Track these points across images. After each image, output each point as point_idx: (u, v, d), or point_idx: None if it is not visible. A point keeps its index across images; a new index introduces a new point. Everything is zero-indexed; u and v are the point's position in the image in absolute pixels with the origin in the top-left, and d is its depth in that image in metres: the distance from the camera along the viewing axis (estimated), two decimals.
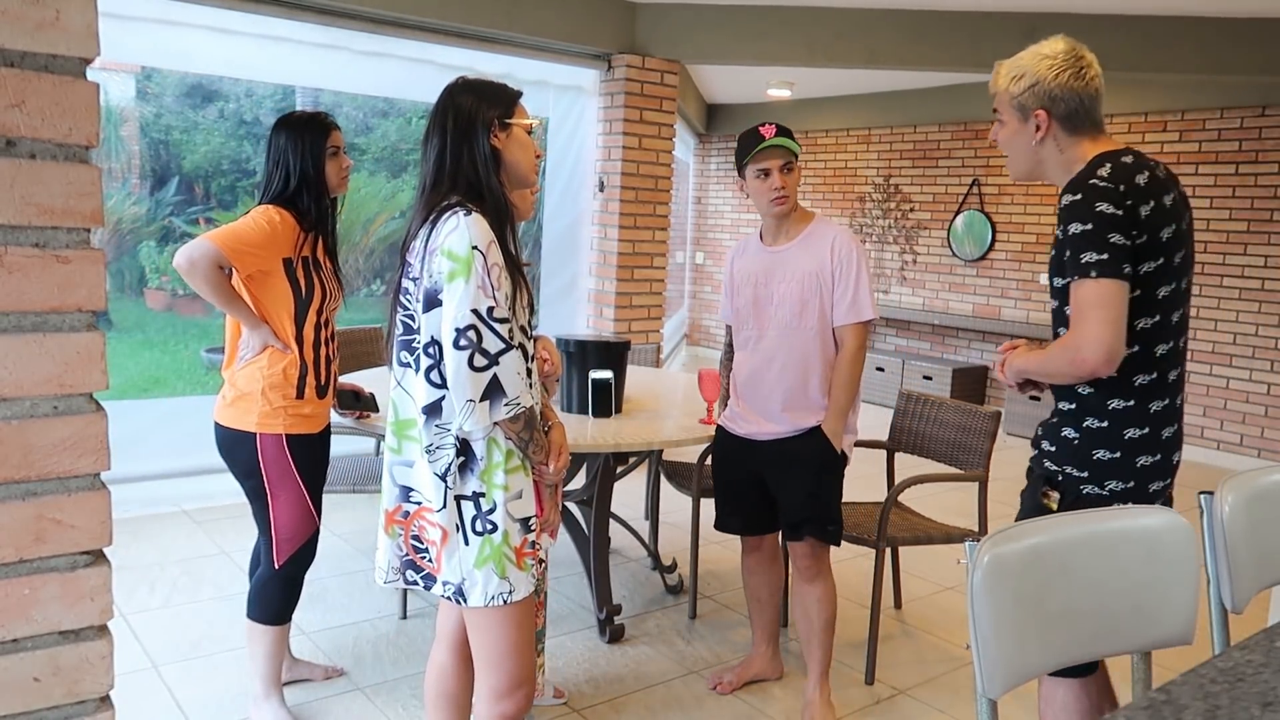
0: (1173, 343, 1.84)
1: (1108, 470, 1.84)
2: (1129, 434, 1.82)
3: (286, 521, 2.44)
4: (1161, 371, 1.83)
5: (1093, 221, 1.73)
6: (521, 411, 1.73)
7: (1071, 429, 1.88)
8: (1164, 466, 1.86)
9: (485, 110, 1.80)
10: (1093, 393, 1.84)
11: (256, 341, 2.38)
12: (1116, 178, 1.75)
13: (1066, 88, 1.83)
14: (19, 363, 0.85)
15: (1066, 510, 1.84)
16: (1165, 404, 1.84)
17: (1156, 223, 1.76)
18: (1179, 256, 1.81)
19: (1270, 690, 1.05)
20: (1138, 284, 1.76)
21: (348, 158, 2.52)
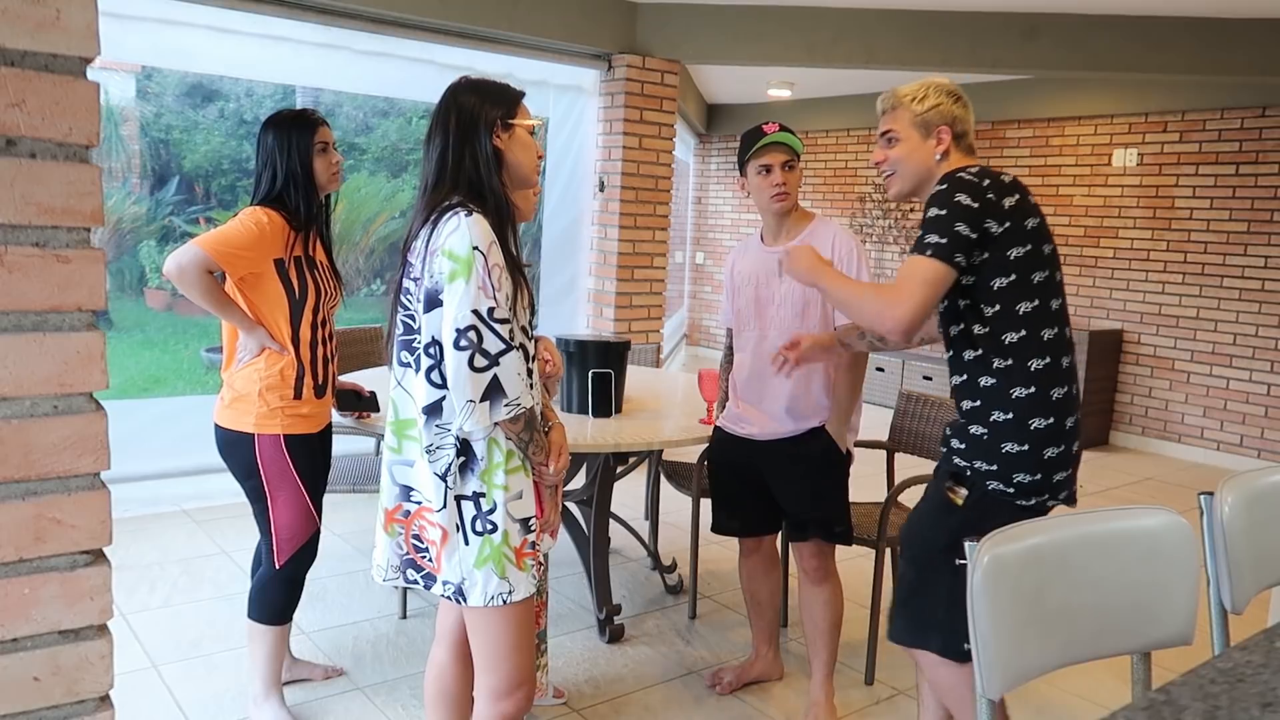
0: (1057, 329, 1.93)
1: (1016, 463, 1.91)
2: (1034, 424, 1.90)
3: (286, 522, 2.44)
4: (1054, 356, 1.91)
5: (948, 209, 1.86)
6: (522, 412, 1.73)
7: (979, 425, 1.95)
8: (1066, 458, 1.93)
9: (488, 110, 1.80)
10: (995, 384, 1.92)
11: (253, 344, 2.38)
12: (983, 174, 1.90)
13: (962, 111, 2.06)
14: (19, 362, 0.85)
15: (971, 507, 1.96)
16: (1065, 391, 1.92)
17: (1023, 211, 1.88)
18: (1047, 248, 1.92)
19: (1270, 691, 1.05)
20: (1011, 269, 1.87)
21: (338, 154, 2.51)
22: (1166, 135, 6.44)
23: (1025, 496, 1.92)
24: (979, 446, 1.95)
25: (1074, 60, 5.21)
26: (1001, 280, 1.88)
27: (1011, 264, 1.87)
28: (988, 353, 1.93)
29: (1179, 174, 6.40)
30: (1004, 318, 1.90)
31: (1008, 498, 1.92)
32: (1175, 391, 6.51)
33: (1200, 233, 6.32)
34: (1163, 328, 6.53)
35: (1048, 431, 1.90)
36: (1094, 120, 6.78)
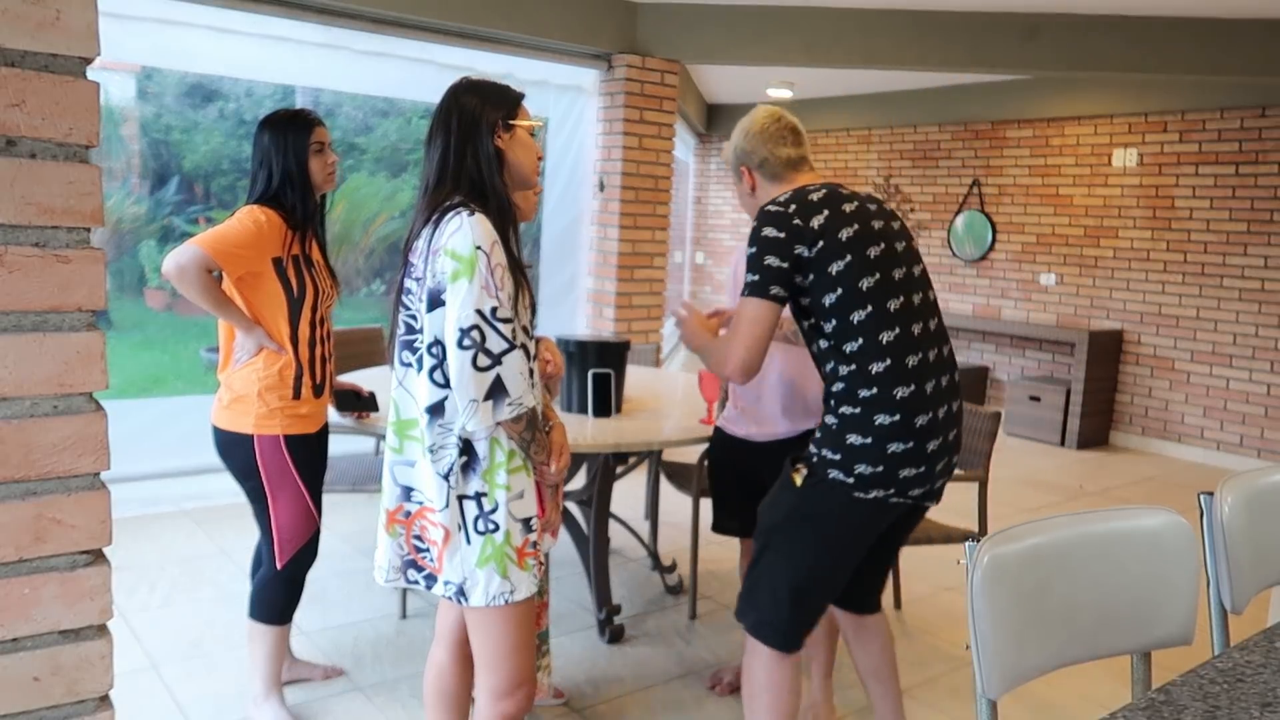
0: (899, 330, 1.96)
1: (858, 454, 1.96)
2: (878, 420, 1.95)
3: (287, 522, 2.44)
4: (896, 357, 1.95)
5: (757, 244, 1.96)
6: (524, 411, 1.73)
7: (832, 416, 2.02)
8: (918, 455, 1.96)
9: (490, 111, 1.81)
10: (844, 388, 1.99)
11: (251, 344, 2.37)
12: (790, 200, 1.99)
13: (753, 143, 2.19)
14: (19, 362, 0.85)
15: (810, 488, 2.03)
16: (912, 390, 1.95)
17: (835, 225, 1.96)
18: (873, 251, 1.97)
19: (1270, 691, 1.05)
20: (835, 283, 1.94)
21: (333, 154, 2.51)
22: (1166, 135, 6.44)
23: (864, 488, 1.97)
24: (828, 435, 2.01)
25: (1074, 60, 5.22)
26: (830, 296, 1.95)
27: (834, 279, 1.94)
28: (836, 362, 2.00)
29: (1179, 174, 6.40)
30: (841, 330, 1.96)
31: (847, 488, 1.97)
32: (1175, 391, 6.51)
33: (1200, 233, 6.32)
34: (1163, 328, 6.54)
35: (892, 428, 1.94)
36: (1094, 120, 6.79)
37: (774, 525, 2.10)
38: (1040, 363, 7.23)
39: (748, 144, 2.19)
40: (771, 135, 2.18)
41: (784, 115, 2.22)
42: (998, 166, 7.37)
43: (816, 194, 2.00)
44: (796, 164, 2.18)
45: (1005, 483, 5.53)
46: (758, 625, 2.11)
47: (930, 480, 2.02)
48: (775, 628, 2.09)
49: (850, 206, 2.00)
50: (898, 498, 1.99)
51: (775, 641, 2.09)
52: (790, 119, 2.23)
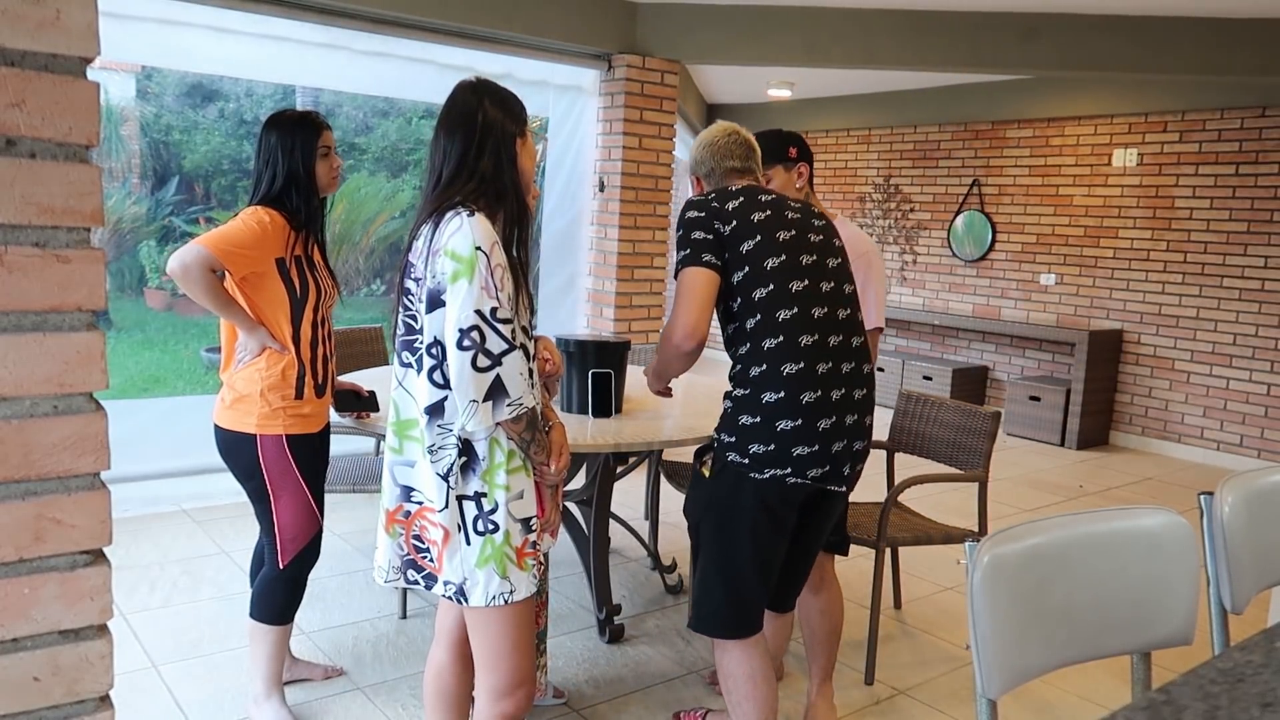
0: (797, 309, 2.04)
1: (750, 434, 2.04)
2: (766, 398, 2.03)
3: (290, 521, 2.44)
4: (789, 335, 2.03)
5: (682, 226, 2.10)
6: (524, 412, 1.73)
7: (728, 400, 2.13)
8: (809, 434, 2.03)
9: (511, 121, 1.83)
10: (739, 367, 2.09)
11: (254, 344, 2.38)
12: (710, 192, 2.17)
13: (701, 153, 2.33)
14: (19, 362, 0.85)
15: (717, 476, 2.12)
16: (800, 368, 2.03)
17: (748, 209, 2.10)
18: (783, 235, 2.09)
19: (1270, 691, 1.05)
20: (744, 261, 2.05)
21: (338, 158, 2.52)
22: (1166, 135, 6.44)
23: (759, 468, 2.04)
24: (724, 419, 2.12)
25: (1074, 60, 5.22)
26: (739, 274, 2.06)
27: (743, 256, 2.05)
28: (735, 340, 2.11)
29: (1179, 174, 6.40)
30: (745, 306, 2.06)
31: (744, 469, 2.06)
32: (1175, 391, 6.51)
33: (1200, 233, 6.32)
34: (1163, 328, 6.54)
35: (778, 404, 2.01)
36: (1094, 120, 6.79)
37: (696, 522, 2.20)
38: (1040, 363, 7.24)
39: (699, 154, 2.33)
40: (721, 148, 2.30)
41: (738, 132, 2.34)
42: (998, 166, 7.37)
43: (735, 188, 2.17)
44: (742, 173, 2.31)
45: (1005, 483, 5.53)
46: (707, 622, 2.18)
47: (828, 461, 2.06)
48: (723, 619, 2.16)
49: (765, 198, 2.14)
50: (795, 478, 2.04)
51: (729, 631, 2.15)
52: (745, 136, 2.34)
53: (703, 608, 2.18)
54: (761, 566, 2.14)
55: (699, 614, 2.19)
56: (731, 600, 2.15)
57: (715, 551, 2.15)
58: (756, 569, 2.14)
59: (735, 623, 2.15)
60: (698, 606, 2.19)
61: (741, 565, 2.12)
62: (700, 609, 2.18)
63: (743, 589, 2.14)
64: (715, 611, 2.16)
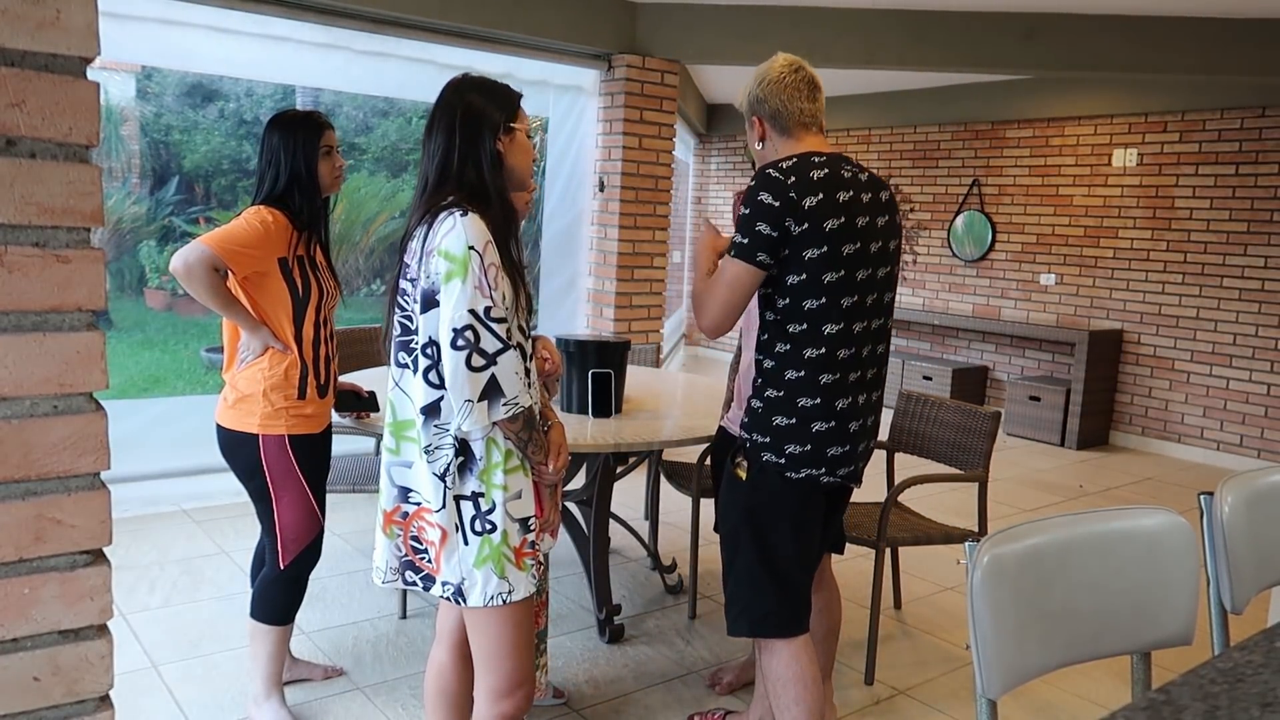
0: (842, 324, 2.03)
1: (786, 435, 2.05)
2: (801, 402, 2.04)
3: (291, 522, 2.44)
4: (830, 349, 2.03)
5: (752, 207, 1.99)
6: (520, 411, 1.73)
7: (758, 399, 2.10)
8: (841, 435, 2.07)
9: (493, 113, 1.80)
10: (774, 366, 2.07)
11: (256, 344, 2.38)
12: (792, 170, 1.99)
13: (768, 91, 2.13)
14: (19, 362, 0.85)
15: (754, 477, 2.10)
16: (836, 378, 2.05)
17: (824, 212, 1.97)
18: (848, 248, 2.00)
19: (1270, 691, 1.05)
20: (804, 268, 1.98)
21: (341, 157, 2.52)
22: (1166, 135, 6.44)
23: (795, 468, 2.05)
24: (755, 419, 2.09)
25: (1074, 60, 5.22)
26: (794, 277, 2.00)
27: (805, 264, 1.98)
28: (774, 336, 2.06)
29: (1179, 174, 6.40)
30: (792, 310, 2.02)
31: (780, 469, 2.06)
32: (1175, 391, 6.51)
33: (1200, 233, 6.32)
34: (1163, 328, 6.54)
35: (814, 409, 2.04)
36: (1094, 120, 6.79)
37: (735, 526, 2.16)
38: (1040, 363, 7.23)
39: (762, 91, 2.13)
40: (788, 86, 2.11)
41: (803, 66, 2.15)
42: (998, 166, 7.37)
43: (818, 171, 2.00)
44: (809, 123, 2.13)
45: (1005, 483, 5.53)
46: (757, 624, 2.15)
47: (853, 460, 2.12)
48: (774, 618, 2.14)
49: (845, 196, 2.01)
50: (828, 476, 2.08)
51: (778, 631, 2.14)
52: (810, 71, 2.16)
53: (754, 610, 2.15)
54: (808, 559, 2.18)
55: (751, 618, 2.15)
56: (785, 598, 2.14)
57: (762, 552, 2.12)
58: (804, 563, 2.16)
59: (790, 620, 2.15)
60: (748, 610, 2.15)
61: (790, 561, 2.13)
62: (751, 612, 2.15)
63: (795, 583, 2.15)
64: (768, 613, 2.14)
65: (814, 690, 2.15)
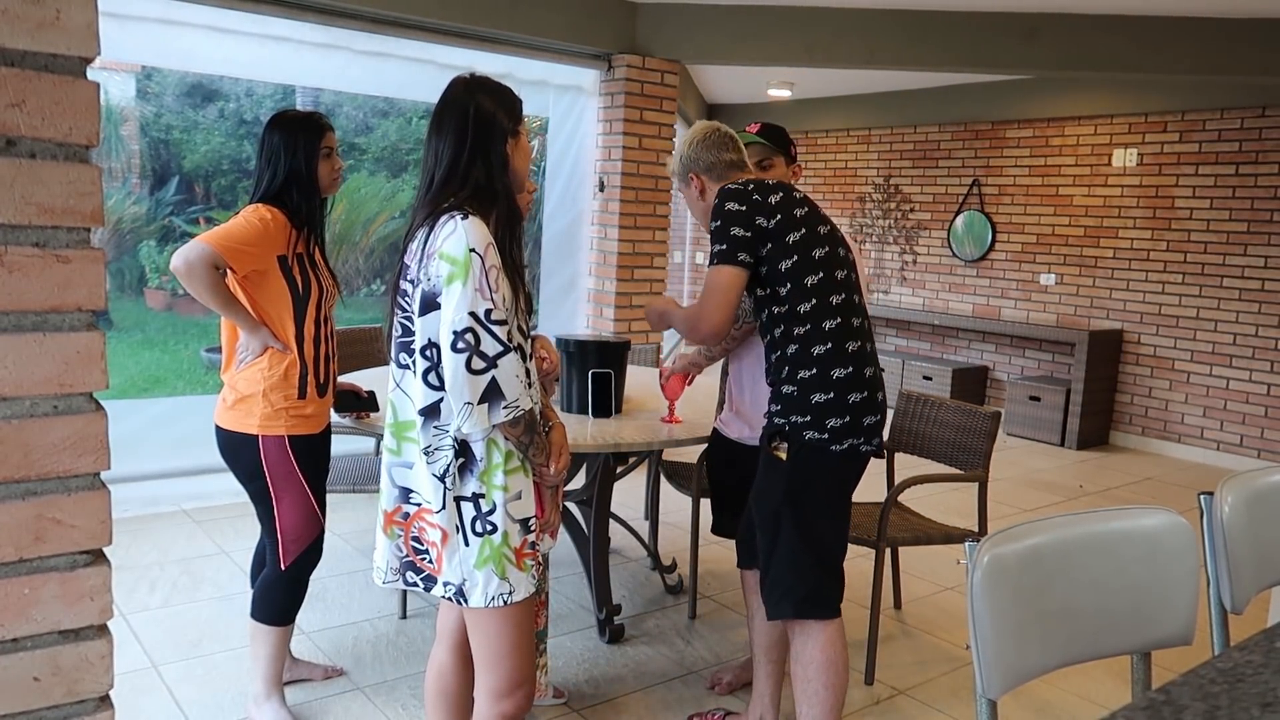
0: (844, 295, 2.19)
1: (826, 410, 2.15)
2: (835, 374, 2.15)
3: (292, 522, 2.44)
4: (844, 317, 2.18)
5: (720, 217, 2.17)
6: (521, 414, 1.73)
7: (790, 384, 2.19)
8: (871, 403, 2.19)
9: (503, 118, 1.81)
10: (797, 349, 2.17)
11: (256, 344, 2.37)
12: (748, 182, 2.22)
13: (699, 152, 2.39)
14: (19, 362, 0.85)
15: (794, 459, 2.18)
16: (859, 346, 2.19)
17: (788, 204, 2.18)
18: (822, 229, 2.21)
19: (1270, 691, 1.05)
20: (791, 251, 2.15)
21: (340, 159, 2.52)
22: (1166, 135, 6.44)
23: (839, 440, 2.15)
24: (792, 403, 2.18)
25: (1074, 60, 5.21)
26: (786, 262, 2.15)
27: (791, 247, 2.15)
28: (788, 324, 2.18)
29: (1179, 174, 6.40)
30: (796, 291, 2.15)
31: (823, 444, 2.15)
32: (1175, 391, 6.51)
33: (1200, 233, 6.32)
34: (1163, 328, 6.54)
35: (848, 379, 2.15)
36: (1094, 120, 6.79)
37: (776, 508, 2.21)
38: (1040, 363, 7.23)
39: (692, 152, 2.38)
40: (714, 143, 2.37)
41: (720, 126, 2.42)
42: (998, 166, 7.36)
43: (772, 180, 2.26)
44: (738, 166, 2.38)
45: (1005, 483, 5.53)
46: (801, 605, 2.20)
47: (881, 429, 2.23)
48: (816, 598, 2.20)
49: (797, 194, 2.24)
50: (866, 445, 2.19)
51: (821, 612, 2.20)
52: (727, 129, 2.42)
53: (796, 592, 2.20)
54: (844, 538, 2.26)
55: (795, 599, 2.20)
56: (826, 578, 2.21)
57: (804, 532, 2.19)
58: (842, 542, 2.25)
59: (831, 598, 2.22)
60: (791, 592, 2.20)
61: (832, 539, 2.22)
62: (794, 594, 2.20)
63: (835, 564, 2.23)
64: (811, 592, 2.20)
65: (844, 675, 2.22)
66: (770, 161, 2.63)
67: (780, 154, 2.65)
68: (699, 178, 2.39)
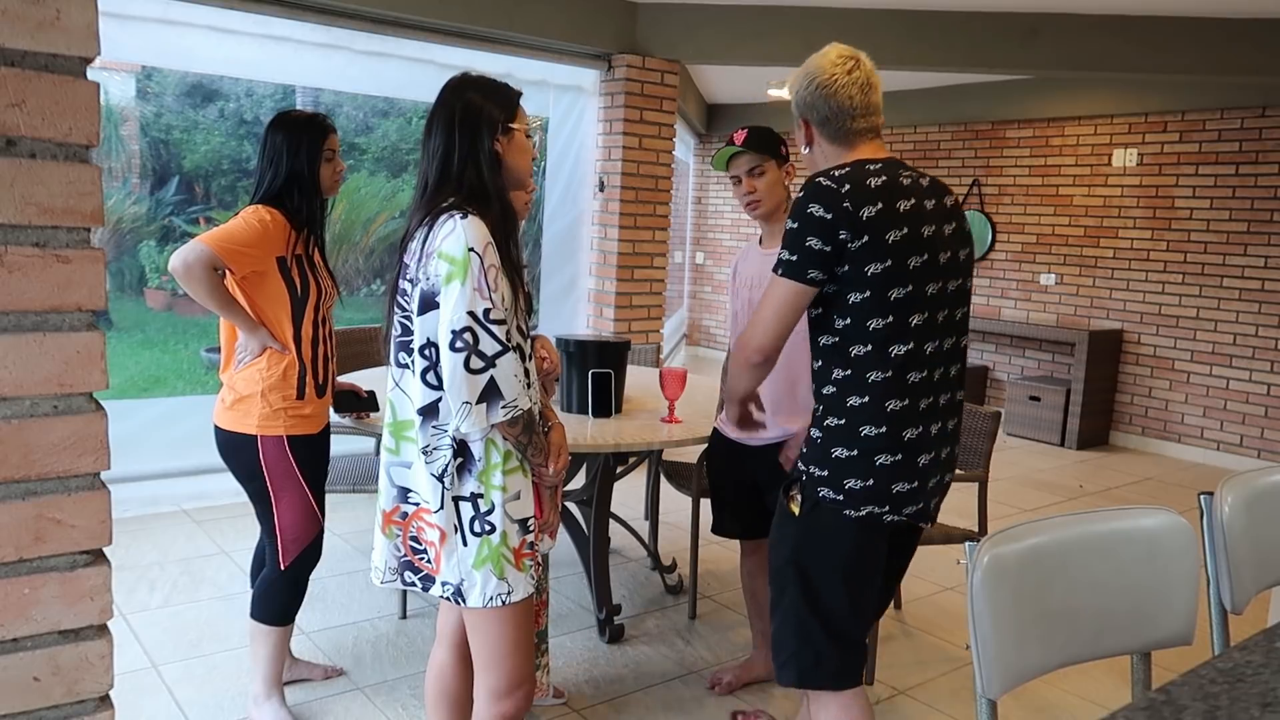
0: (912, 345, 1.81)
1: (846, 468, 1.83)
2: (865, 431, 1.82)
3: (291, 522, 2.44)
4: (898, 371, 1.81)
5: (800, 221, 1.78)
6: (519, 414, 1.73)
7: (816, 429, 1.89)
8: (908, 467, 1.84)
9: (490, 111, 1.80)
10: (835, 391, 1.85)
11: (254, 344, 2.37)
12: (845, 179, 1.79)
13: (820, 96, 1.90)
14: (19, 362, 0.85)
15: (807, 515, 1.88)
16: (904, 404, 1.82)
17: (884, 223, 1.76)
18: (915, 261, 1.79)
19: (1270, 691, 1.05)
20: (865, 285, 1.77)
21: (342, 161, 2.52)
22: (1166, 135, 6.44)
23: (855, 505, 1.84)
24: (813, 450, 1.89)
25: (1074, 60, 5.21)
26: (855, 295, 1.79)
27: (866, 280, 1.77)
28: (832, 363, 1.86)
29: (1179, 174, 6.39)
30: (853, 331, 1.81)
31: (837, 506, 1.85)
32: (1175, 391, 6.50)
33: (1200, 233, 6.32)
34: (1163, 328, 6.53)
35: (879, 440, 1.82)
36: (1094, 120, 6.78)
37: (783, 564, 1.95)
38: (1040, 363, 7.23)
39: (811, 96, 1.91)
40: (841, 88, 1.90)
41: (861, 62, 1.94)
42: (998, 166, 7.36)
43: (875, 179, 1.80)
44: (863, 130, 1.93)
45: (1005, 483, 5.53)
46: (807, 674, 1.94)
47: (923, 497, 1.90)
48: (826, 669, 1.93)
49: (906, 205, 1.80)
50: (892, 514, 1.86)
51: (829, 683, 1.94)
52: (867, 68, 1.94)
53: (802, 659, 1.93)
54: (862, 609, 1.95)
55: (800, 666, 1.93)
56: (837, 646, 1.92)
57: (809, 597, 1.91)
58: (860, 612, 1.94)
59: (842, 670, 1.93)
60: (796, 658, 1.93)
61: (840, 612, 1.90)
62: (800, 660, 1.93)
63: (846, 633, 1.92)
64: (819, 662, 1.92)
65: None
66: (761, 168, 2.55)
67: (771, 158, 2.56)
68: (809, 127, 1.95)
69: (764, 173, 2.56)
